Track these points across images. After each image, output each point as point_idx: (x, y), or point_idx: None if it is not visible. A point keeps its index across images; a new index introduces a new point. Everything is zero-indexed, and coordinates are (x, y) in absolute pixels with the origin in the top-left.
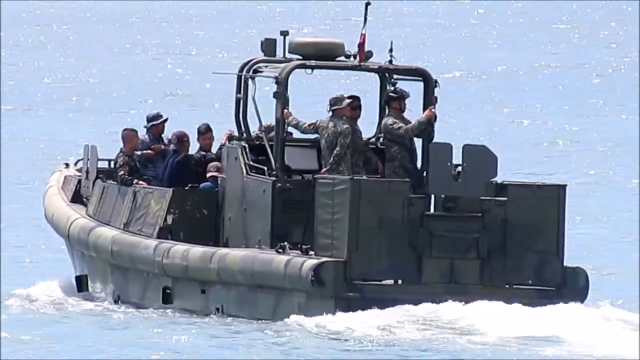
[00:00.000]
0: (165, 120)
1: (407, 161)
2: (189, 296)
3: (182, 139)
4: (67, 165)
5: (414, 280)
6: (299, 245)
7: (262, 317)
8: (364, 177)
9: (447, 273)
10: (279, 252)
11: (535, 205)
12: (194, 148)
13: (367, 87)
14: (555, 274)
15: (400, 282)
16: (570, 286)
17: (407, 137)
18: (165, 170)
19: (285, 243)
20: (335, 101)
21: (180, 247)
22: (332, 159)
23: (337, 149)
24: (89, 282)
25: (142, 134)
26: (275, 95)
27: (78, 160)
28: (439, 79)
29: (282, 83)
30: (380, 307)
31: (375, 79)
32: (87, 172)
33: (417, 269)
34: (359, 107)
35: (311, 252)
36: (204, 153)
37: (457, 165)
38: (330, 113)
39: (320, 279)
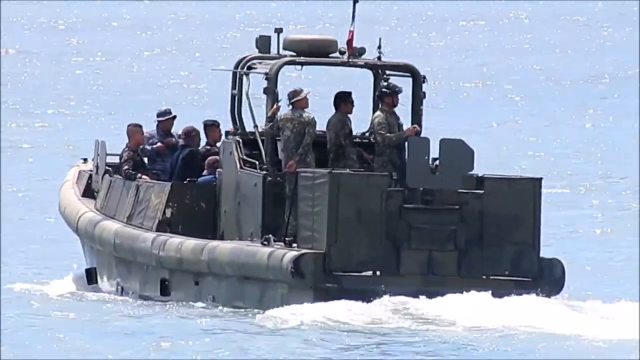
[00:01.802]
0: (174, 117)
1: (395, 156)
2: (184, 287)
3: (189, 134)
4: (85, 160)
5: (392, 272)
6: (283, 238)
7: (250, 308)
8: (344, 171)
9: (425, 264)
10: (264, 245)
11: (512, 197)
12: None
13: (362, 83)
14: (532, 265)
15: (378, 273)
16: (546, 277)
17: (383, 144)
18: (174, 164)
19: (270, 236)
20: (293, 94)
21: (175, 240)
22: (301, 149)
23: (307, 138)
24: (98, 274)
25: (152, 129)
26: (265, 91)
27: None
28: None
29: (271, 79)
30: (358, 298)
31: (369, 75)
32: (97, 167)
33: (395, 261)
34: (352, 102)
35: (294, 245)
36: (209, 147)
37: (435, 159)
38: (290, 106)
39: (299, 270)
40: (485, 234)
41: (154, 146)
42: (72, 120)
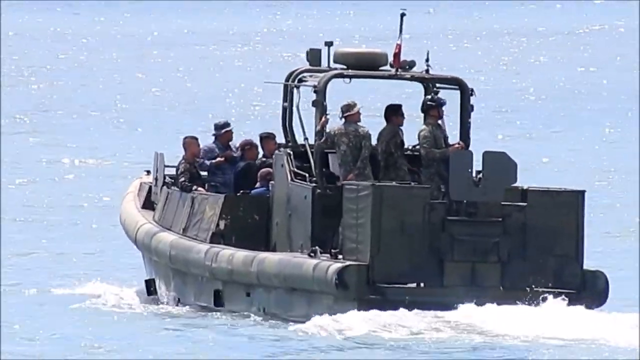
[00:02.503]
0: (228, 127)
1: (442, 168)
2: (236, 298)
3: (244, 147)
4: (148, 172)
5: (435, 283)
6: (329, 250)
7: (298, 319)
8: (387, 183)
9: (468, 276)
10: (311, 256)
11: (555, 210)
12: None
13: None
14: (575, 277)
15: (422, 285)
16: (589, 289)
17: (428, 158)
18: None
19: (317, 247)
20: (347, 108)
21: (226, 252)
22: (360, 162)
23: (365, 152)
24: (156, 285)
25: (210, 142)
26: (314, 103)
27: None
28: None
29: (320, 92)
30: (402, 309)
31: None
32: (156, 178)
33: (438, 272)
34: (402, 114)
35: (340, 256)
36: (264, 159)
37: (478, 172)
38: (343, 120)
39: (343, 282)
40: (528, 246)
41: (213, 161)
42: (135, 132)
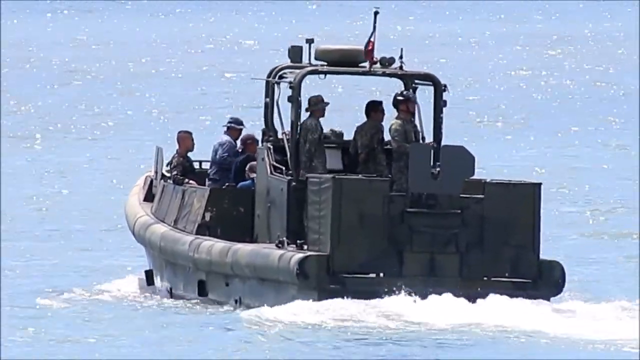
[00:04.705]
0: (243, 127)
1: None
2: (217, 289)
3: (245, 142)
4: None
5: (395, 274)
6: (296, 240)
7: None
8: (348, 176)
9: (427, 267)
10: (278, 247)
11: (512, 202)
12: None
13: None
14: (531, 267)
15: (381, 275)
16: (546, 279)
17: (399, 152)
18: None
19: (284, 238)
20: (312, 101)
21: (207, 243)
22: (303, 155)
23: (306, 145)
24: (154, 276)
25: (223, 136)
26: (289, 99)
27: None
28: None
29: (295, 88)
30: (361, 299)
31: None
32: (156, 172)
33: (397, 263)
34: (382, 111)
35: (305, 247)
36: None
37: (437, 165)
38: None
39: (304, 272)
40: (485, 237)
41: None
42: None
